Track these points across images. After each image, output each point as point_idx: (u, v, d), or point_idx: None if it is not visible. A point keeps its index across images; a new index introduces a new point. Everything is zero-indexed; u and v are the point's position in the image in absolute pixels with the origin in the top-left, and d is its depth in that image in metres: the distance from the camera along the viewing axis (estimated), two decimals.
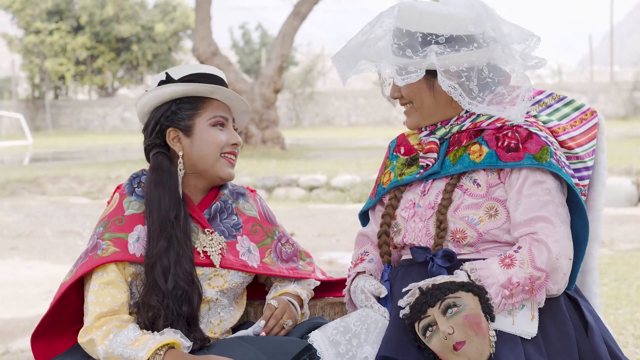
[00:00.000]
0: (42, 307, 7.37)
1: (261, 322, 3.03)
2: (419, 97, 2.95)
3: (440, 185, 2.95)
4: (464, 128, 2.95)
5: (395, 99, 3.04)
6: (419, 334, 2.72)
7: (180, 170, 3.06)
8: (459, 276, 2.77)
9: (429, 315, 2.69)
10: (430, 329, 2.69)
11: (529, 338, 2.73)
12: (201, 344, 2.94)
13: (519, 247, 2.79)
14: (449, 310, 2.67)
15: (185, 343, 2.88)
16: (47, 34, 41.40)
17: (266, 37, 42.70)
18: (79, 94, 47.14)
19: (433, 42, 2.85)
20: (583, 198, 2.95)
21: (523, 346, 2.71)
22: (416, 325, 2.72)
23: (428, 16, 2.86)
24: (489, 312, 2.70)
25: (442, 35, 2.85)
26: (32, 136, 32.52)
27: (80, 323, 3.00)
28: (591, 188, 3.07)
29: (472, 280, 2.76)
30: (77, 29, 42.05)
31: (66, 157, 23.03)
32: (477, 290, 2.70)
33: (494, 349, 2.68)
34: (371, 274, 3.07)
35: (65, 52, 41.53)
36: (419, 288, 2.74)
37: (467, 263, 2.81)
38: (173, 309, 2.94)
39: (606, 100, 34.38)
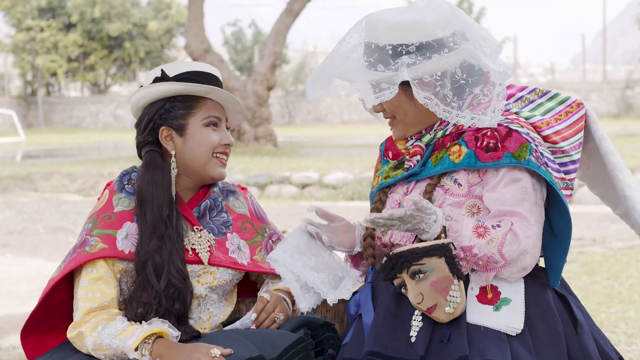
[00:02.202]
0: (33, 304, 7.33)
1: (252, 315, 3.03)
2: (401, 109, 2.94)
3: (422, 186, 2.96)
4: (447, 132, 2.95)
5: (378, 112, 3.03)
6: (397, 288, 2.78)
7: (173, 169, 3.06)
8: (438, 221, 2.77)
9: (400, 277, 2.75)
10: (404, 287, 2.76)
11: (514, 334, 2.74)
12: (191, 336, 2.95)
13: (498, 226, 2.80)
14: (417, 276, 2.72)
15: (174, 332, 2.89)
16: (38, 31, 41.32)
17: (259, 35, 42.69)
18: (71, 90, 47.09)
19: (404, 53, 2.82)
20: (570, 192, 2.96)
21: (510, 343, 2.71)
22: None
23: (395, 27, 2.83)
24: (456, 271, 2.72)
25: (412, 44, 2.82)
26: (25, 133, 32.46)
27: (70, 320, 3.00)
28: (613, 179, 3.06)
29: (443, 227, 2.78)
30: (69, 27, 41.99)
31: (58, 154, 23.00)
32: (441, 252, 2.72)
33: (464, 307, 2.73)
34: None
35: (57, 49, 41.48)
36: (386, 254, 2.79)
37: (448, 208, 2.83)
38: (165, 306, 2.94)
39: (598, 99, 34.45)
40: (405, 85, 2.86)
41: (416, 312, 2.78)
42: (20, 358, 5.77)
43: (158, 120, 3.06)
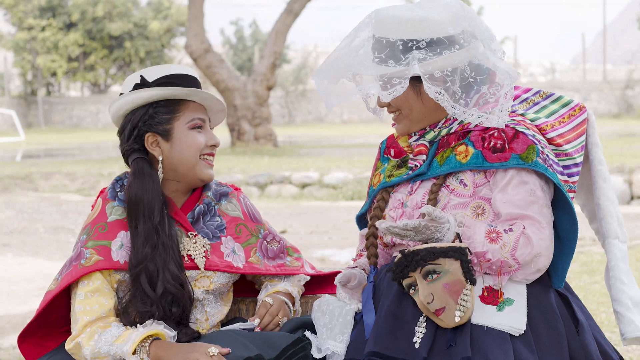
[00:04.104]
0: (33, 304, 7.36)
1: (255, 321, 3.03)
2: (407, 104, 2.94)
3: (427, 185, 2.95)
4: (452, 130, 2.95)
5: (383, 107, 3.02)
6: (405, 288, 2.77)
7: (160, 174, 3.04)
8: (451, 227, 2.76)
9: (411, 277, 2.73)
10: (413, 287, 2.74)
11: (517, 335, 2.74)
12: (191, 337, 2.94)
13: (510, 230, 2.80)
14: (430, 276, 2.71)
15: (170, 333, 2.88)
16: (39, 31, 41.32)
17: (259, 34, 42.68)
18: (72, 90, 47.08)
19: (414, 48, 2.83)
20: (572, 195, 2.96)
21: (512, 343, 2.71)
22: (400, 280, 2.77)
23: (405, 23, 2.84)
24: (469, 276, 2.72)
25: (423, 40, 2.83)
26: (25, 133, 32.47)
27: (69, 323, 3.00)
28: (593, 186, 3.08)
29: (457, 233, 2.78)
30: (70, 26, 41.99)
31: (58, 154, 22.99)
32: (457, 255, 2.71)
33: (471, 313, 2.72)
34: (364, 269, 3.10)
35: (58, 48, 41.48)
36: (400, 251, 2.76)
37: (460, 215, 2.83)
38: (162, 312, 2.94)
39: (599, 99, 34.43)
40: (414, 80, 2.86)
41: (420, 318, 2.77)
42: (20, 358, 5.77)
43: (143, 127, 3.04)
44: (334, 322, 2.94)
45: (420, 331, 2.75)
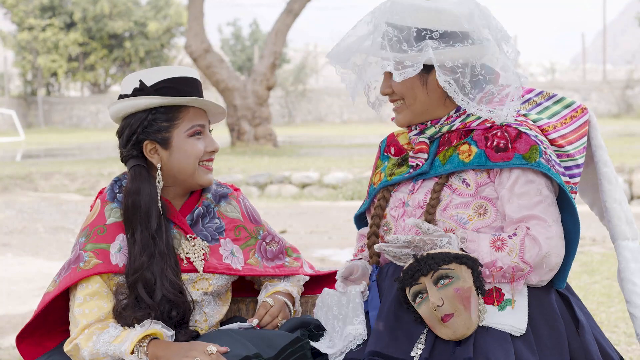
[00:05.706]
0: (33, 304, 7.36)
1: (254, 321, 3.03)
2: (412, 93, 2.94)
3: (429, 184, 2.95)
4: (453, 128, 2.95)
5: (386, 95, 3.02)
6: (409, 299, 2.75)
7: (158, 182, 3.01)
8: (452, 243, 2.78)
9: (421, 283, 2.72)
10: (420, 295, 2.73)
11: (518, 335, 2.73)
12: (189, 337, 2.94)
13: (514, 234, 2.80)
14: (441, 281, 2.70)
15: (168, 332, 2.87)
16: (40, 30, 41.32)
17: (259, 34, 42.67)
18: (72, 90, 47.07)
19: (427, 37, 2.85)
20: (574, 196, 2.96)
21: (513, 343, 2.71)
22: (407, 289, 2.75)
23: (422, 11, 2.85)
24: (479, 285, 2.72)
25: (437, 31, 2.84)
26: (25, 132, 32.46)
27: (67, 323, 3.00)
28: (600, 188, 3.08)
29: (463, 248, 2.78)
30: (70, 25, 41.98)
31: (58, 154, 22.99)
32: (470, 263, 2.72)
33: (481, 322, 2.71)
34: (366, 259, 3.11)
35: (58, 48, 41.47)
36: (413, 255, 2.76)
37: (461, 231, 2.83)
38: (161, 317, 2.93)
39: (599, 99, 34.44)
40: (422, 70, 2.88)
41: (421, 335, 2.77)
42: (20, 358, 5.77)
43: (141, 135, 3.00)
44: (344, 311, 2.93)
45: (419, 347, 2.74)
